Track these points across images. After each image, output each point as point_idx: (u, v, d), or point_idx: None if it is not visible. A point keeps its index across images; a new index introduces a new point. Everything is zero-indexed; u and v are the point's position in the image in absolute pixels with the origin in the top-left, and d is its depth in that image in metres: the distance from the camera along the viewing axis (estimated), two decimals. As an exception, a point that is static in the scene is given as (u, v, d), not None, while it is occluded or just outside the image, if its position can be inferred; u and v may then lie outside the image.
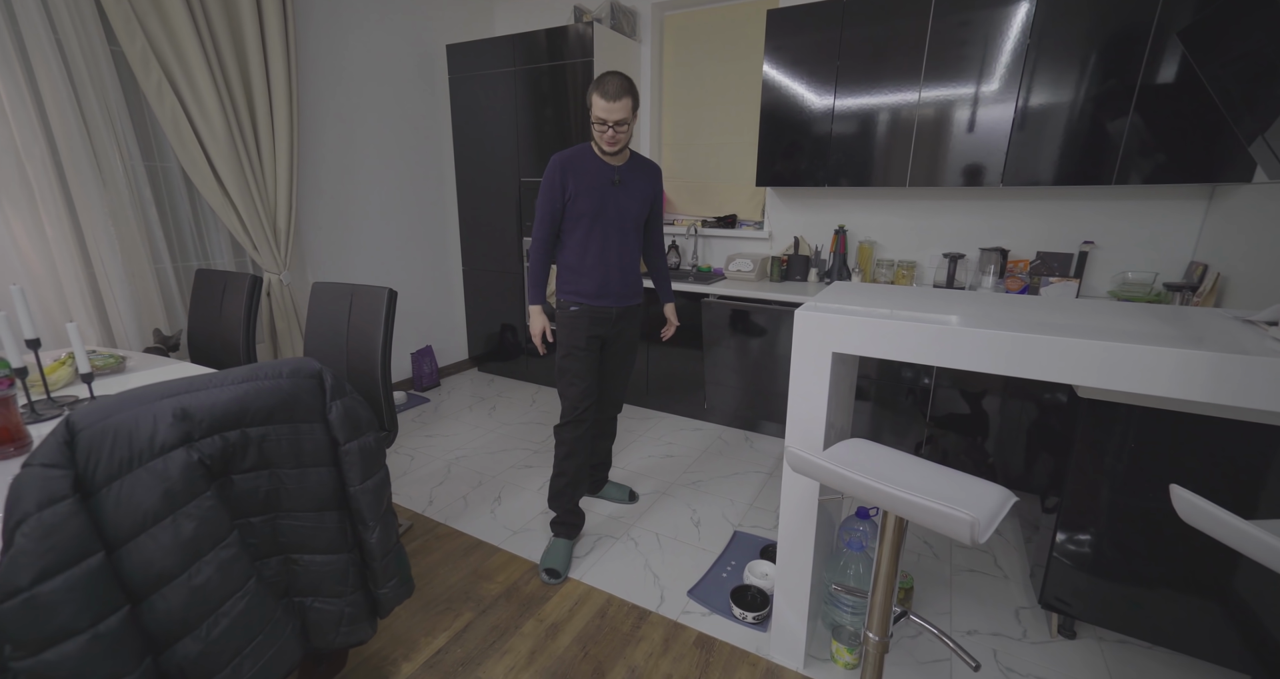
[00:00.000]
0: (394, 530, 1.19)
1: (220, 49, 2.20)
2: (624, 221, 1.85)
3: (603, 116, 1.67)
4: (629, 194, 1.84)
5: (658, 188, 1.93)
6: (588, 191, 1.80)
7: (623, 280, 1.89)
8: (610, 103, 1.65)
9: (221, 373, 0.93)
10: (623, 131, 1.71)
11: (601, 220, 1.82)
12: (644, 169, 1.89)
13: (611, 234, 1.84)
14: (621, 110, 1.67)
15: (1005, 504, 0.98)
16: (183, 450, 0.85)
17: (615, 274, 1.87)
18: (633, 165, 1.86)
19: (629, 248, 1.89)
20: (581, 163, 1.81)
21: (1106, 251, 2.36)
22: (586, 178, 1.80)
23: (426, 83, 3.29)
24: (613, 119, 1.67)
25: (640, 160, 1.90)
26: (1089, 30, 2.02)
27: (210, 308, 2.11)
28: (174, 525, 0.84)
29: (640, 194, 1.86)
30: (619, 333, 1.97)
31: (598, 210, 1.81)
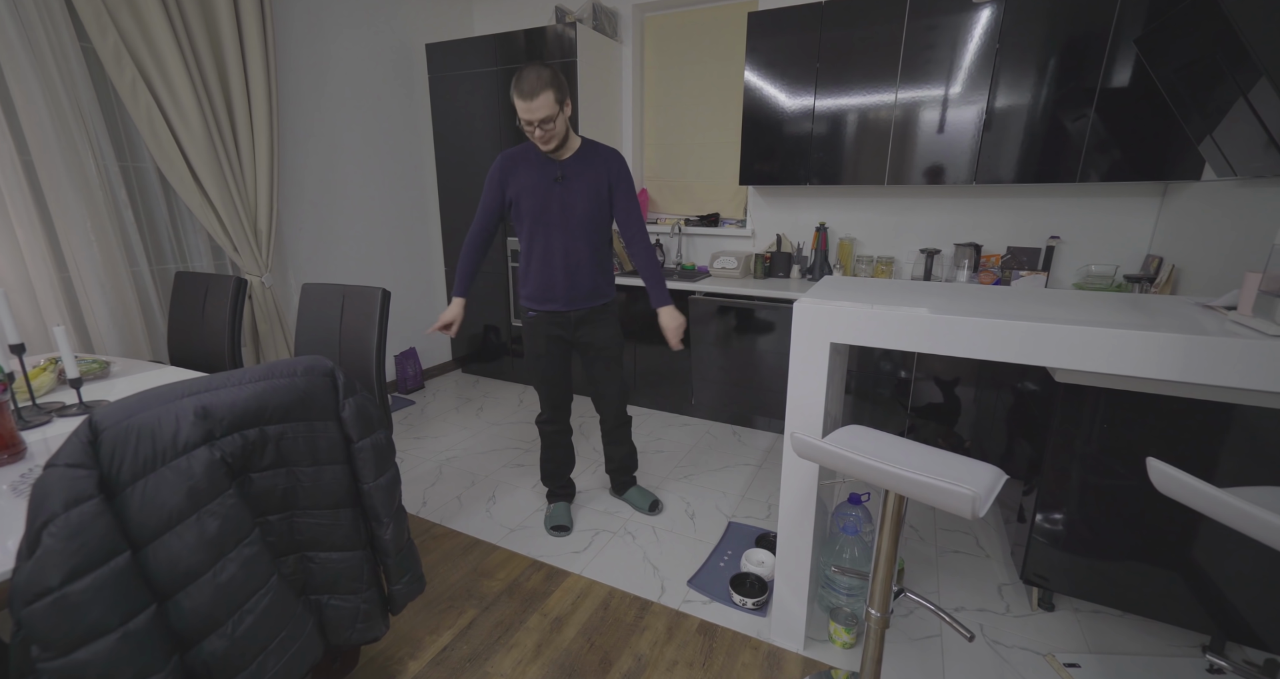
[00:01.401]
0: (405, 527, 1.20)
1: (196, 45, 2.15)
2: (570, 222, 1.73)
3: (525, 116, 1.56)
4: (575, 191, 1.71)
5: (617, 177, 1.76)
6: (529, 191, 1.71)
7: (570, 283, 1.79)
8: (528, 102, 1.52)
9: (237, 372, 0.93)
10: (551, 128, 1.59)
11: (544, 221, 1.73)
12: (595, 160, 1.74)
13: (555, 236, 1.74)
14: (544, 107, 1.53)
15: (999, 481, 1.04)
16: (205, 448, 0.85)
17: (560, 277, 1.77)
18: (581, 158, 1.72)
19: (579, 248, 1.76)
20: (523, 161, 1.72)
21: (1071, 246, 2.49)
22: (527, 177, 1.71)
23: (406, 82, 3.26)
24: (536, 118, 1.55)
25: (592, 150, 1.74)
26: (1052, 35, 2.14)
27: (192, 311, 2.06)
28: (198, 523, 0.84)
29: (589, 190, 1.72)
30: (586, 337, 1.88)
31: (539, 210, 1.72)
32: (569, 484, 2.17)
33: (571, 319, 1.84)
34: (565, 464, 2.11)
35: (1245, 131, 1.56)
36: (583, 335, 1.88)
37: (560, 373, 1.93)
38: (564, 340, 1.88)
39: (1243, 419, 1.29)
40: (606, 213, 1.78)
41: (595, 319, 1.87)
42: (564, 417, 2.03)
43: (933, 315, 1.18)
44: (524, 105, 1.54)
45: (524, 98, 1.53)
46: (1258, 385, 0.96)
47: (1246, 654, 1.47)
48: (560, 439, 2.06)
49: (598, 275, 1.83)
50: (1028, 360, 1.12)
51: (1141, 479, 1.43)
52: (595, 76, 2.99)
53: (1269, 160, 1.52)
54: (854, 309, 1.26)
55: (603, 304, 1.89)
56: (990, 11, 2.19)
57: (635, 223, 1.83)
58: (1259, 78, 1.40)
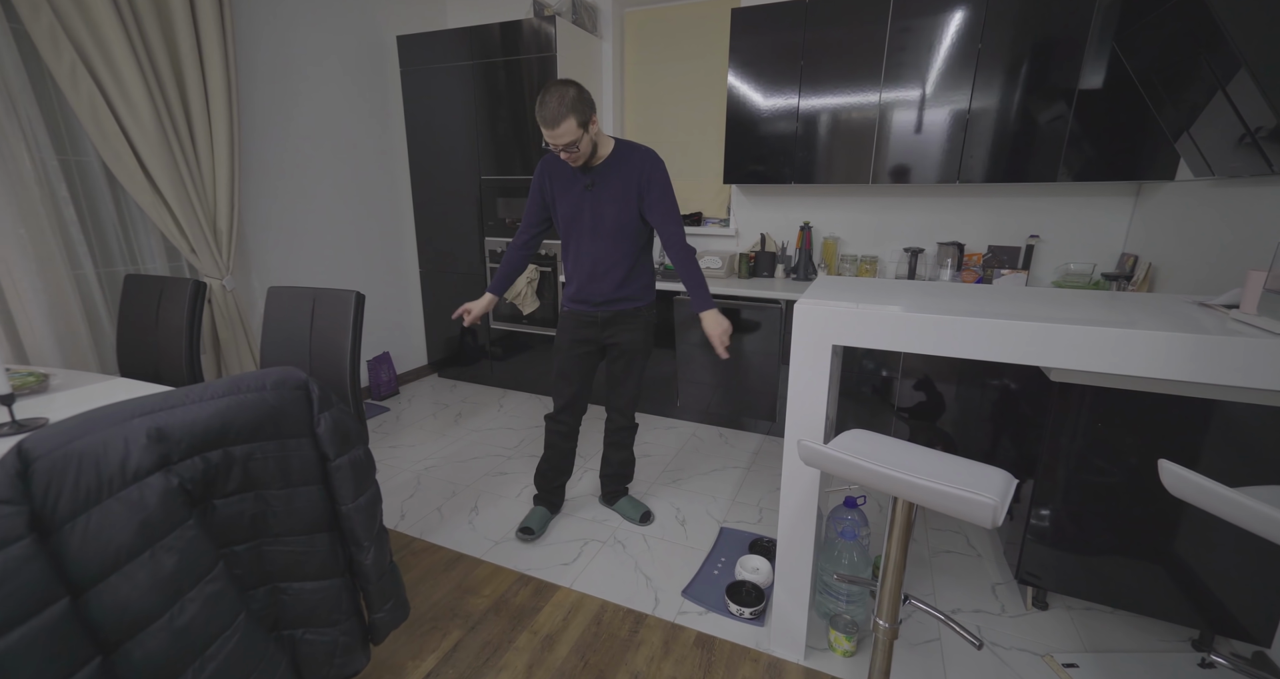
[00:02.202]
0: (388, 550, 1.11)
1: (145, 29, 1.99)
2: (600, 230, 1.75)
3: (550, 141, 1.59)
4: (604, 198, 1.73)
5: (648, 180, 1.73)
6: (562, 198, 1.76)
7: (597, 288, 1.80)
8: (551, 130, 1.54)
9: (198, 387, 0.83)
10: (575, 152, 1.61)
11: (576, 229, 1.77)
12: (625, 164, 1.73)
13: (585, 242, 1.77)
14: (567, 134, 1.55)
15: (1010, 485, 1.01)
16: (160, 475, 0.75)
17: (589, 283, 1.80)
18: (613, 164, 1.72)
19: (609, 254, 1.77)
20: (558, 166, 1.75)
21: (1050, 245, 2.53)
22: (561, 183, 1.75)
23: (377, 75, 3.12)
24: (559, 145, 1.58)
25: (626, 154, 1.73)
26: (1032, 36, 2.16)
27: (144, 318, 1.91)
28: (152, 561, 0.74)
29: (619, 196, 1.73)
30: (613, 338, 1.88)
31: (571, 217, 1.77)
32: (558, 493, 2.12)
33: (599, 319, 1.85)
34: (559, 470, 2.07)
35: (1223, 127, 1.58)
36: (610, 335, 1.88)
37: (577, 371, 1.91)
38: (590, 342, 1.88)
39: (1233, 416, 1.29)
40: (638, 220, 1.76)
41: (625, 321, 1.87)
42: (571, 418, 1.98)
43: (933, 317, 1.15)
44: (549, 133, 1.56)
45: (546, 125, 1.54)
46: (1267, 384, 0.95)
47: (1234, 647, 1.49)
48: (560, 442, 2.01)
49: (628, 282, 1.82)
50: (1040, 362, 1.10)
51: (1129, 476, 1.44)
52: (574, 73, 2.91)
53: (1247, 160, 1.55)
54: (857, 310, 1.22)
55: (633, 308, 1.86)
56: (972, 12, 2.20)
57: (668, 226, 1.76)
58: (1238, 70, 1.41)
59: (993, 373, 2.20)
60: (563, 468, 2.07)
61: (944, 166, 2.38)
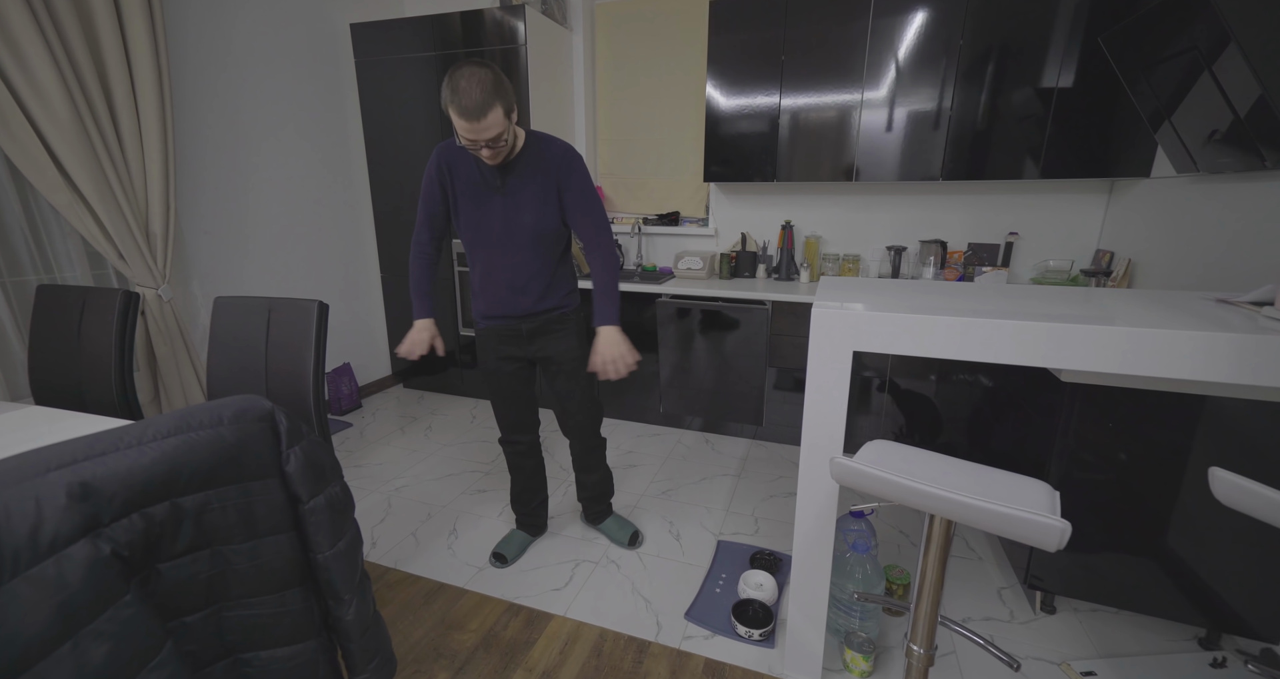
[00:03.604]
0: (370, 600, 0.96)
1: (54, 7, 1.74)
2: (516, 238, 1.49)
3: (470, 137, 1.29)
4: (520, 203, 1.46)
5: (565, 173, 1.48)
6: (467, 200, 1.48)
7: (514, 301, 1.58)
8: (474, 121, 1.24)
9: (136, 427, 0.67)
10: (500, 145, 1.34)
11: (484, 236, 1.50)
12: (541, 161, 1.46)
13: (498, 254, 1.51)
14: (494, 126, 1.27)
15: (1054, 498, 0.96)
16: (86, 542, 0.59)
17: (505, 295, 1.57)
18: (525, 159, 1.45)
19: (527, 267, 1.54)
20: (461, 159, 1.47)
21: (1028, 242, 2.56)
22: (465, 181, 1.48)
23: (329, 65, 2.89)
24: (483, 139, 1.29)
25: (539, 148, 1.46)
26: (1010, 34, 2.16)
27: (62, 334, 1.67)
28: (75, 654, 0.58)
29: (537, 199, 1.47)
30: (542, 353, 1.67)
31: (478, 224, 1.49)
32: (538, 514, 1.95)
33: (524, 332, 1.64)
34: (532, 490, 1.90)
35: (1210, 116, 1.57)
36: (539, 349, 1.67)
37: (515, 392, 1.72)
38: (516, 359, 1.67)
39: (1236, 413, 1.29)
40: (558, 222, 1.54)
41: (551, 330, 1.66)
42: (524, 436, 1.81)
43: (969, 320, 1.09)
44: (469, 126, 1.26)
45: (468, 116, 1.24)
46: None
47: (1239, 644, 1.50)
48: (522, 461, 1.84)
49: (550, 291, 1.61)
50: (1067, 364, 1.05)
51: (1130, 473, 1.42)
52: (544, 66, 2.77)
53: (1234, 155, 1.57)
54: (883, 315, 1.15)
55: (559, 314, 1.65)
56: (952, 10, 2.19)
57: (590, 227, 1.55)
58: (1226, 45, 1.39)
59: (988, 372, 2.20)
60: (535, 486, 1.90)
61: (925, 164, 2.37)
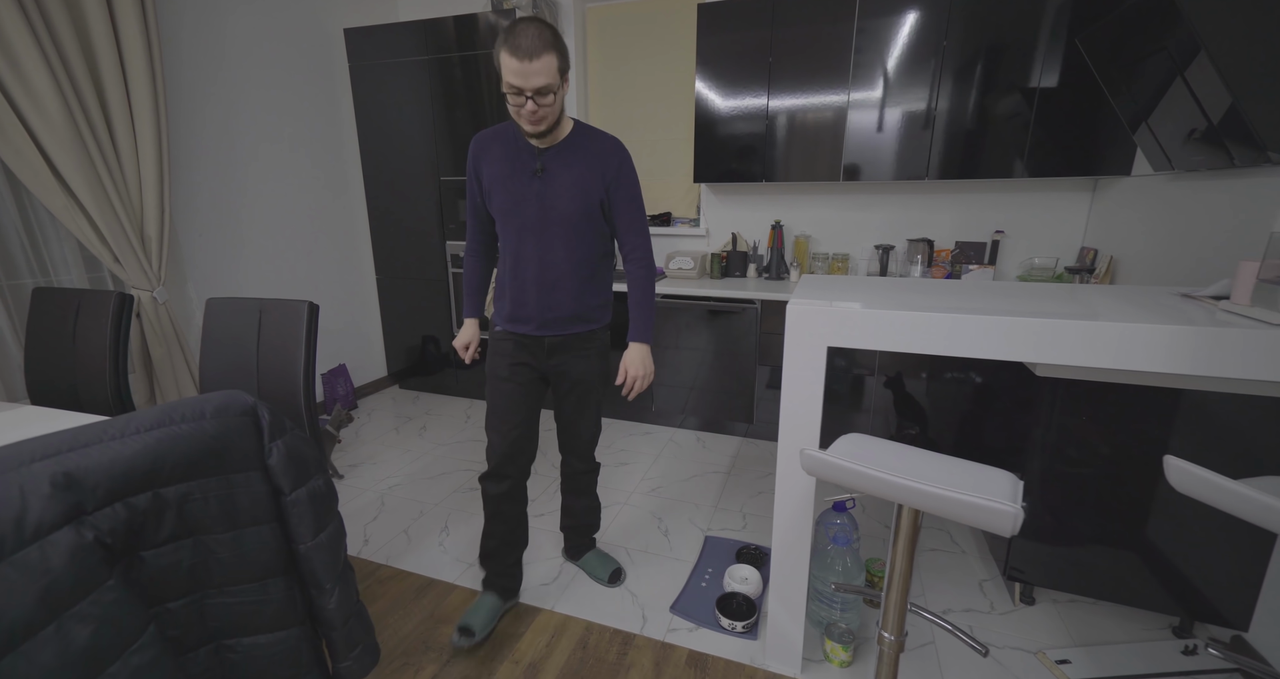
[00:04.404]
0: (354, 590, 0.99)
1: (47, 10, 1.77)
2: (548, 224, 1.39)
3: (517, 83, 1.19)
4: (558, 186, 1.37)
5: (614, 172, 1.41)
6: (501, 183, 1.39)
7: (543, 302, 1.44)
8: (526, 62, 1.16)
9: (120, 420, 0.70)
10: (547, 103, 1.23)
11: (516, 223, 1.40)
12: (588, 148, 1.39)
13: (528, 241, 1.41)
14: (544, 72, 1.18)
15: (1017, 487, 0.98)
16: (69, 529, 0.62)
17: (532, 293, 1.44)
18: (570, 146, 1.38)
19: (561, 258, 1.42)
20: (497, 144, 1.40)
21: (1014, 240, 2.58)
22: (500, 165, 1.39)
23: (324, 69, 2.93)
24: (531, 87, 1.19)
25: (586, 137, 1.40)
26: (993, 35, 2.20)
27: (58, 336, 1.70)
28: (59, 636, 0.61)
29: (576, 185, 1.38)
30: (560, 368, 1.53)
31: (510, 208, 1.39)
32: (512, 573, 1.65)
33: (545, 345, 1.50)
34: (510, 543, 1.62)
35: (1183, 118, 1.61)
36: (557, 365, 1.53)
37: (521, 407, 1.53)
38: (531, 369, 1.52)
39: (1214, 408, 1.31)
40: (598, 218, 1.43)
41: (575, 347, 1.52)
42: (516, 472, 1.56)
43: (939, 315, 1.12)
44: (519, 67, 1.16)
45: (520, 56, 1.15)
46: (1265, 375, 0.95)
47: (1212, 632, 1.52)
48: (504, 506, 1.57)
49: (584, 296, 1.47)
50: (1046, 359, 1.08)
51: (1109, 467, 1.45)
52: (536, 68, 2.80)
53: (1208, 153, 1.60)
54: (853, 311, 1.18)
55: (588, 331, 1.52)
56: (935, 11, 2.22)
57: (635, 234, 1.47)
58: (1197, 54, 1.44)
59: (971, 368, 2.22)
60: (515, 540, 1.63)
61: (912, 163, 2.39)
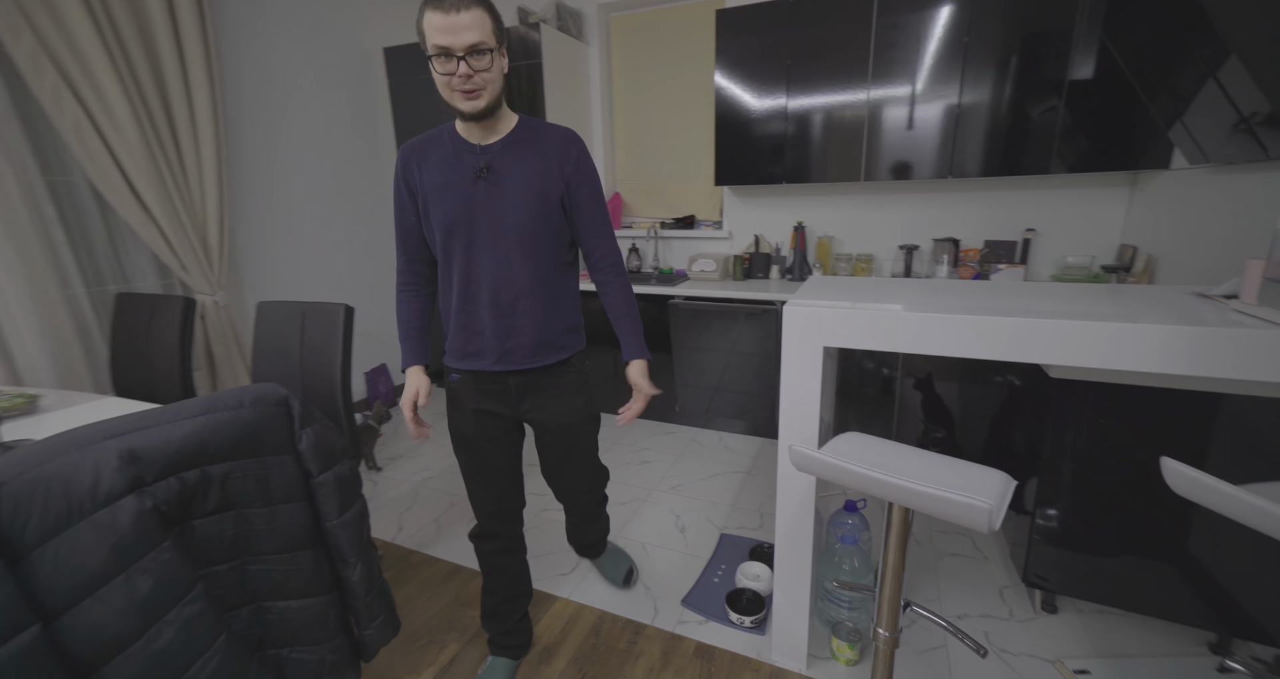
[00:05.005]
0: (376, 565, 1.09)
1: (127, 48, 1.99)
2: (500, 233, 1.14)
3: (443, 41, 0.98)
4: (508, 188, 1.13)
5: (573, 165, 1.17)
6: (439, 193, 1.13)
7: (500, 328, 1.19)
8: (452, 14, 0.97)
9: (173, 406, 0.82)
10: (483, 67, 1.01)
11: (462, 236, 1.14)
12: (538, 141, 1.16)
13: (478, 256, 1.15)
14: (475, 28, 0.98)
15: (1008, 488, 0.99)
16: (133, 497, 0.74)
17: (487, 319, 1.18)
18: (517, 140, 1.14)
19: (515, 274, 1.16)
20: (431, 150, 1.15)
21: (1047, 238, 2.50)
22: (437, 171, 1.14)
23: (365, 87, 3.13)
24: (462, 44, 0.98)
25: (534, 128, 1.17)
26: (1018, 29, 2.15)
27: (136, 336, 1.91)
28: (127, 584, 0.73)
29: (528, 184, 1.13)
30: (535, 416, 1.28)
31: (454, 221, 1.13)
32: (520, 631, 1.48)
33: (511, 386, 1.24)
34: (513, 599, 1.45)
35: (1217, 114, 1.56)
36: (531, 409, 1.27)
37: (497, 464, 1.30)
38: (500, 418, 1.27)
39: (1241, 410, 1.26)
40: (559, 221, 1.19)
41: (548, 385, 1.26)
42: (509, 528, 1.38)
43: (927, 315, 1.13)
44: (445, 21, 0.97)
45: (446, 8, 0.97)
46: (1269, 376, 0.93)
47: (1254, 650, 1.45)
48: (504, 562, 1.40)
49: (549, 318, 1.22)
50: (1034, 359, 1.08)
51: (1138, 473, 1.41)
52: (562, 79, 2.91)
53: (1243, 146, 1.53)
54: (847, 311, 1.20)
55: (560, 361, 1.26)
56: (957, 6, 2.19)
57: (604, 238, 1.25)
58: (1228, 57, 1.39)
59: (997, 370, 2.18)
60: (518, 594, 1.46)
61: (935, 162, 2.36)
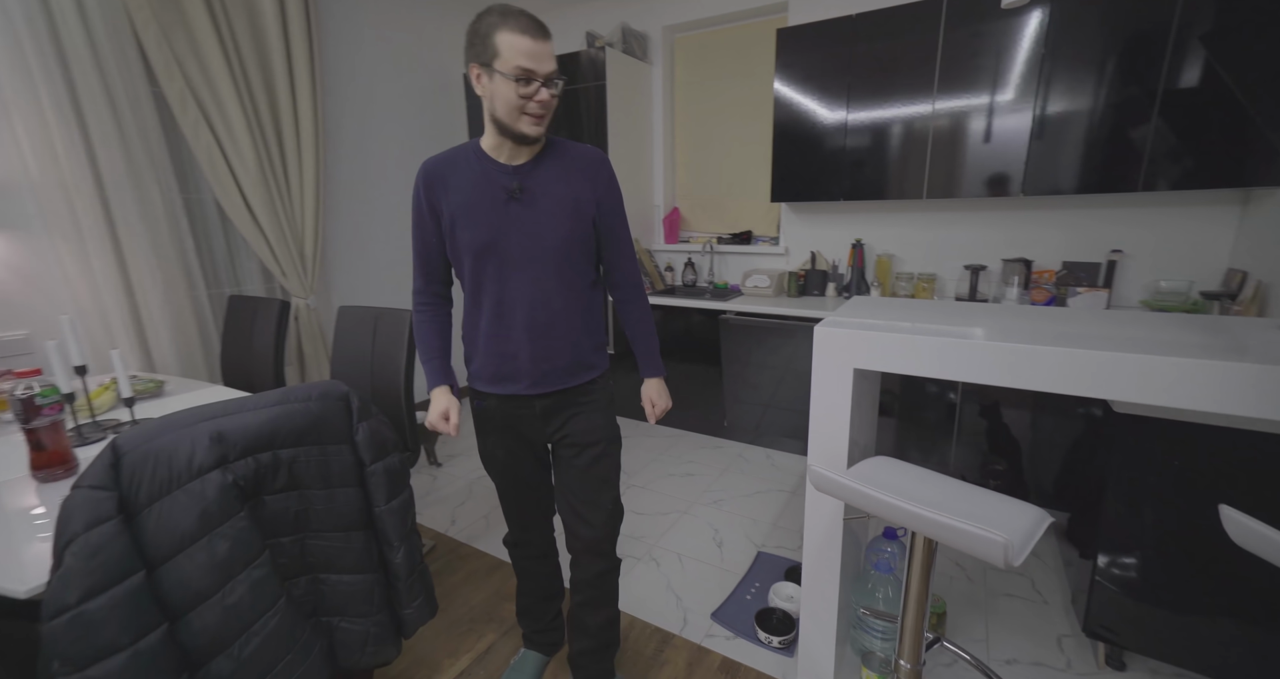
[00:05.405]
0: (418, 551, 1.20)
1: (252, 87, 2.32)
2: (535, 255, 1.15)
3: (530, 65, 1.02)
4: (543, 209, 1.14)
5: (604, 186, 1.20)
6: (469, 213, 1.13)
7: (537, 352, 1.19)
8: (540, 42, 1.02)
9: (255, 396, 0.96)
10: (558, 94, 1.08)
11: (495, 257, 1.15)
12: (569, 160, 1.17)
13: (513, 279, 1.16)
14: (553, 58, 1.06)
15: (1040, 525, 0.95)
16: (218, 472, 0.88)
17: (523, 343, 1.18)
18: (549, 160, 1.16)
19: (551, 296, 1.18)
20: (456, 170, 1.15)
21: (1137, 260, 2.30)
22: (465, 192, 1.14)
23: (446, 109, 3.41)
24: (544, 70, 1.04)
25: (562, 147, 1.18)
26: (1105, 36, 2.01)
27: (241, 333, 2.19)
28: (209, 545, 0.87)
29: (565, 206, 1.15)
30: (561, 431, 1.27)
31: (488, 241, 1.14)
32: (553, 629, 1.54)
33: (537, 409, 1.25)
34: (545, 598, 1.52)
35: None
36: (556, 428, 1.27)
37: (528, 483, 1.36)
38: (529, 443, 1.31)
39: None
40: (591, 240, 1.21)
41: (575, 404, 1.25)
42: (539, 537, 1.44)
43: (962, 341, 1.10)
44: (534, 47, 1.02)
45: (534, 34, 1.02)
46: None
47: (1359, 731, 1.26)
48: (536, 567, 1.48)
49: (582, 338, 1.23)
50: (1070, 391, 1.02)
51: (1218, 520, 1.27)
52: (624, 99, 3.03)
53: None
54: (878, 333, 1.19)
55: (589, 381, 1.26)
56: (1035, 15, 2.08)
57: (627, 260, 1.27)
58: None
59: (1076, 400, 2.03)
60: (551, 594, 1.52)
61: (1008, 178, 2.24)
